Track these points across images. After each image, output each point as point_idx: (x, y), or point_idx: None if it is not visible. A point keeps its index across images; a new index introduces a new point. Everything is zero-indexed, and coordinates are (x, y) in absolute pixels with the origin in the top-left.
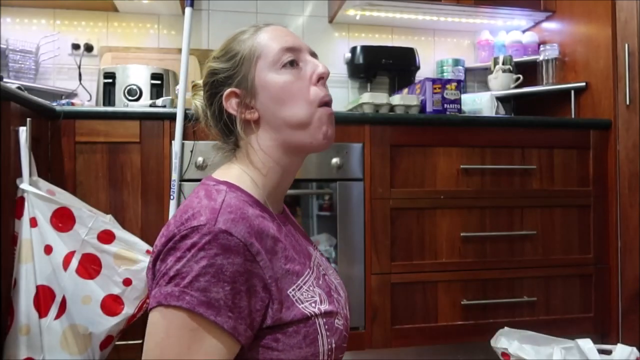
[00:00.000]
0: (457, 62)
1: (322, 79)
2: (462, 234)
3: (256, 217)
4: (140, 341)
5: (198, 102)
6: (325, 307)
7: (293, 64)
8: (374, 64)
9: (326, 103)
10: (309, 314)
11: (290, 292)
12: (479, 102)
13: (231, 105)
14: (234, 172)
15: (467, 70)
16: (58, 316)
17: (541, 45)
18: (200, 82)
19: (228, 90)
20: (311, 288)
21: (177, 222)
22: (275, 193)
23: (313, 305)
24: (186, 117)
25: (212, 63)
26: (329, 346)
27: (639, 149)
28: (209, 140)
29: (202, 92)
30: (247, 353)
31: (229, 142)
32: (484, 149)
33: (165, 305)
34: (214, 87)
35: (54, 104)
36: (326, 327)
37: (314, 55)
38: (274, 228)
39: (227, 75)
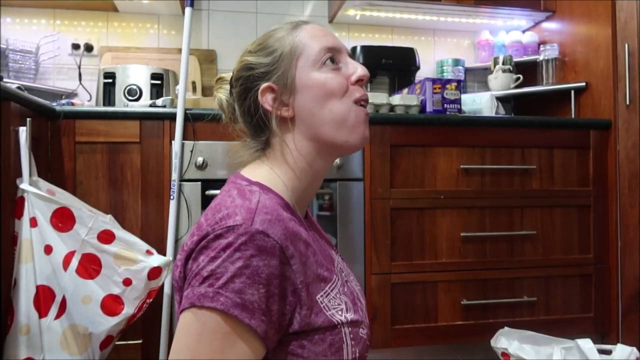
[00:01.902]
0: (457, 62)
1: (361, 80)
2: (462, 234)
3: (289, 220)
4: (140, 341)
5: (223, 96)
6: (351, 315)
7: (333, 61)
8: (374, 64)
9: (363, 103)
10: (336, 322)
11: (319, 298)
12: (479, 102)
13: (267, 101)
14: (264, 173)
15: (467, 70)
16: (58, 316)
17: (541, 45)
18: (226, 75)
19: (264, 85)
20: (338, 295)
21: (210, 220)
22: (303, 197)
23: (340, 313)
24: (186, 117)
25: (249, 57)
26: (354, 355)
27: (639, 149)
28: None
29: (228, 86)
30: (273, 359)
31: (260, 141)
32: (484, 149)
33: (198, 306)
34: (249, 81)
35: (54, 104)
36: (351, 336)
37: (351, 56)
38: (304, 232)
39: (266, 71)
